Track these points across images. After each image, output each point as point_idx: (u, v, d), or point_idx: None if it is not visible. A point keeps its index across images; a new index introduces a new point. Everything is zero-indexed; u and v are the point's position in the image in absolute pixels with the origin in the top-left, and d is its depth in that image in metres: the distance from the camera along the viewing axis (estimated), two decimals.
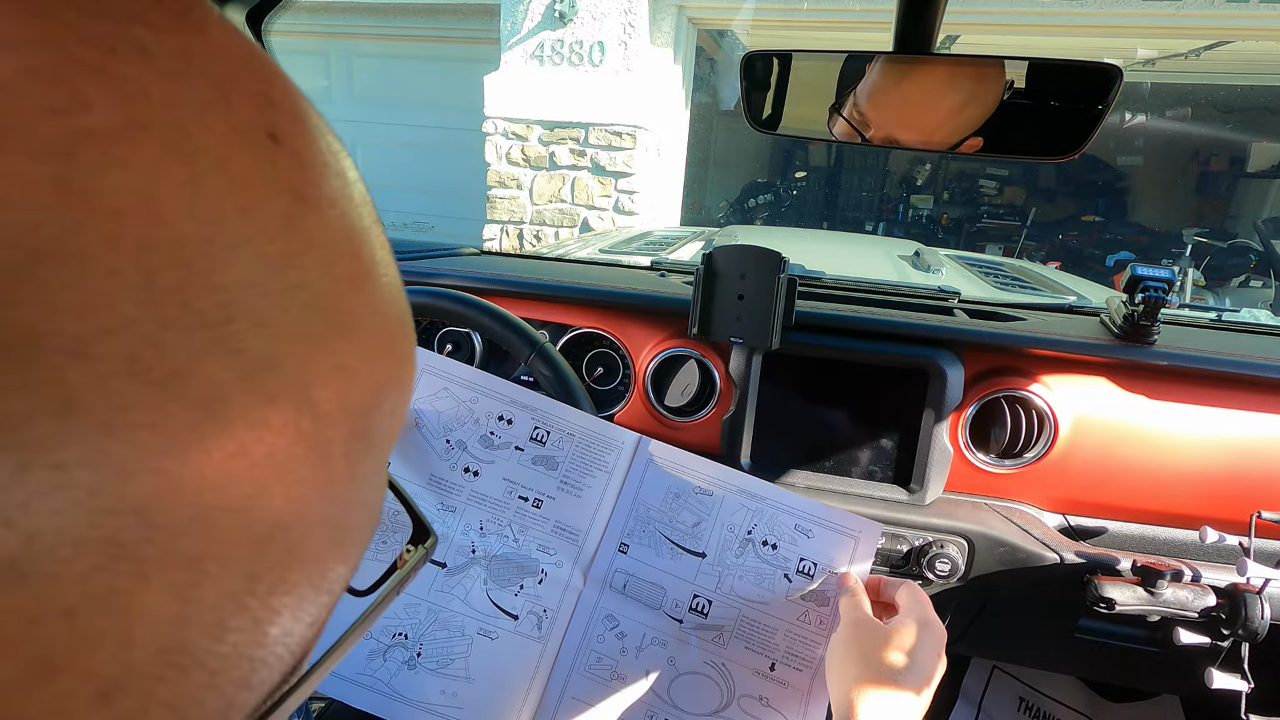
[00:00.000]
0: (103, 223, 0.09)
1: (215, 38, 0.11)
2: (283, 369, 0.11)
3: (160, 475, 0.10)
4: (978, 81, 0.63)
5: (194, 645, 0.11)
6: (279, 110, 0.12)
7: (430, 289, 0.74)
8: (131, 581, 0.10)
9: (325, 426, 0.13)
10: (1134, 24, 3.88)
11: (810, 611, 0.55)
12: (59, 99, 0.09)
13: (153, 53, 0.10)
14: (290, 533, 0.12)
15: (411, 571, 0.22)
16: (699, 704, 0.53)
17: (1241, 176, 6.30)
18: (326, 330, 0.12)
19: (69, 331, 0.09)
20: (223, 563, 0.11)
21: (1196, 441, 0.79)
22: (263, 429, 0.11)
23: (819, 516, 0.57)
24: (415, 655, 0.55)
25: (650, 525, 0.58)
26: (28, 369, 0.08)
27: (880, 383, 0.84)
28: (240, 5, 0.59)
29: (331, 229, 0.13)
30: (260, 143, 0.11)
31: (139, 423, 0.09)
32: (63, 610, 0.09)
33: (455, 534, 0.58)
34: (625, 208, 4.25)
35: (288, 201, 0.12)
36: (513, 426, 0.60)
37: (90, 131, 0.09)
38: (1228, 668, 0.72)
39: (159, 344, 0.09)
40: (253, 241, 0.11)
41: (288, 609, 0.13)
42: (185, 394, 0.10)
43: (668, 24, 4.20)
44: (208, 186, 0.10)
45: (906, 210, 7.34)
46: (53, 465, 0.09)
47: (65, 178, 0.09)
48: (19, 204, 0.08)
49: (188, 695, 0.11)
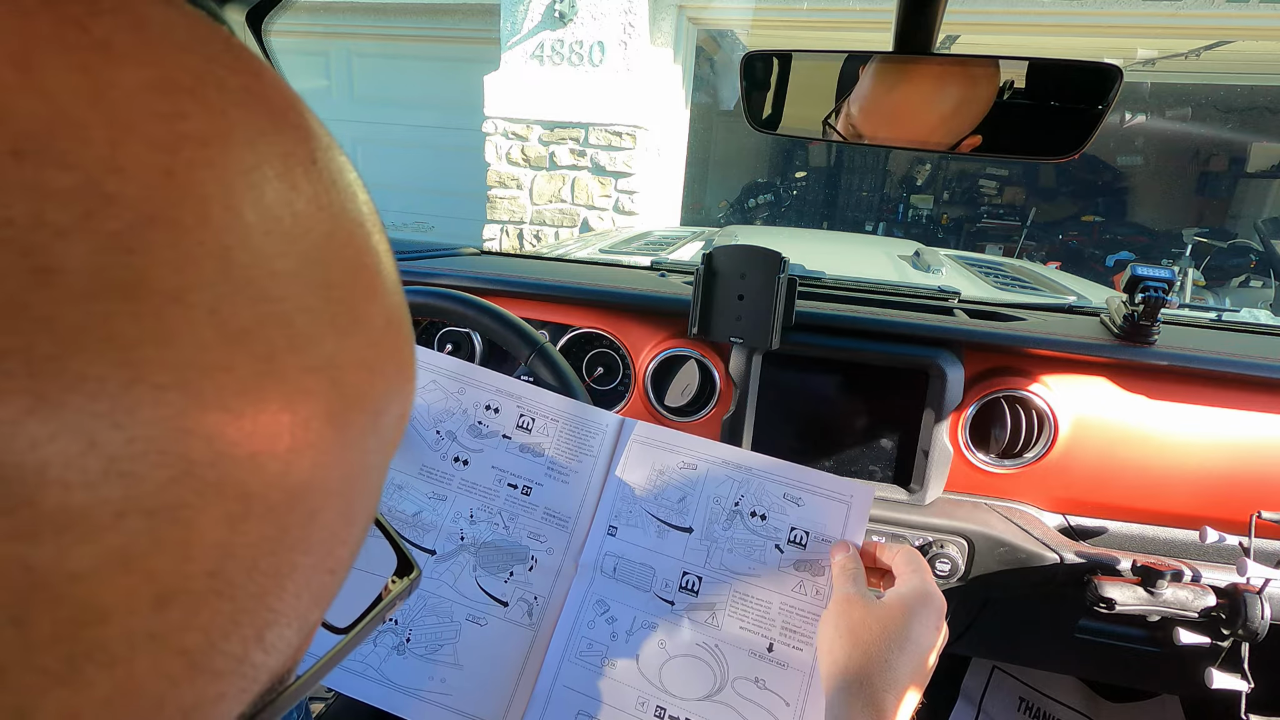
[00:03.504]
0: (196, 204, 0.11)
1: (268, 79, 0.14)
2: (322, 348, 0.13)
3: (228, 412, 0.12)
4: (969, 84, 0.63)
5: (232, 575, 0.12)
6: (316, 140, 0.14)
7: (430, 289, 0.74)
8: (196, 498, 0.11)
9: (350, 409, 0.14)
10: (1134, 24, 3.87)
11: (805, 582, 0.53)
12: (167, 108, 0.11)
13: (227, 84, 0.12)
14: (314, 496, 0.14)
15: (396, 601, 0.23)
16: (691, 688, 0.52)
17: (1241, 176, 6.30)
18: (353, 326, 0.14)
19: (170, 280, 0.11)
20: (264, 504, 0.13)
21: (1196, 441, 0.79)
22: (304, 394, 0.13)
23: (808, 483, 0.55)
24: (404, 641, 0.55)
25: (636, 505, 0.57)
26: (139, 302, 0.10)
27: (880, 383, 0.84)
28: (240, 5, 0.59)
29: (356, 245, 0.15)
30: (306, 164, 0.14)
31: (216, 364, 0.11)
32: (145, 510, 0.11)
33: (445, 522, 0.58)
34: (625, 208, 4.24)
35: (327, 216, 0.14)
36: (499, 415, 0.61)
37: (189, 135, 0.11)
38: (1228, 668, 0.72)
39: (233, 304, 0.12)
40: (299, 242, 0.13)
41: (304, 571, 0.14)
42: (250, 349, 0.12)
43: (668, 24, 4.19)
44: (268, 192, 0.13)
45: (906, 210, 7.34)
46: (154, 385, 0.11)
47: (171, 167, 0.11)
48: (140, 180, 0.11)
49: (218, 626, 0.13)
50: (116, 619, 0.11)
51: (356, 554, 0.17)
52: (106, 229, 0.10)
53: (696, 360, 0.88)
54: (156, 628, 0.11)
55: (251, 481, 0.12)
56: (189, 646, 0.12)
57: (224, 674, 0.13)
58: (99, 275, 0.10)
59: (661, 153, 4.51)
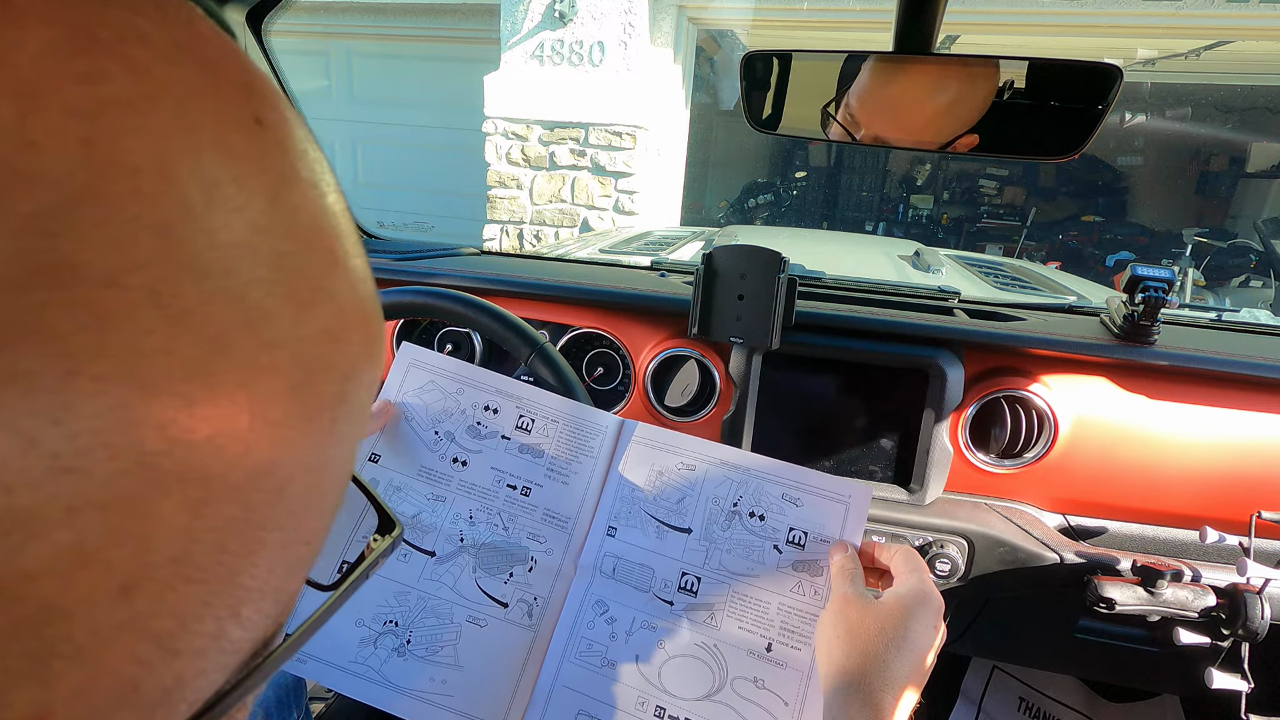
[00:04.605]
0: (126, 177, 0.10)
1: (201, 31, 0.13)
2: (278, 322, 0.13)
3: (179, 397, 0.11)
4: (966, 82, 0.63)
5: (199, 559, 0.12)
6: (261, 98, 0.13)
7: (430, 289, 0.74)
8: (153, 489, 0.11)
9: (316, 380, 0.14)
10: (1134, 24, 3.88)
11: (803, 582, 0.53)
12: (84, 69, 0.10)
13: (152, 39, 0.11)
14: (281, 472, 0.14)
15: (380, 558, 0.23)
16: (690, 688, 0.52)
17: (1241, 176, 6.30)
18: (313, 296, 0.14)
19: (102, 263, 0.10)
20: (227, 486, 0.12)
21: (1196, 441, 0.79)
22: (261, 372, 0.12)
23: (806, 483, 0.55)
24: (405, 643, 0.55)
25: (636, 506, 0.57)
26: (70, 290, 0.10)
27: (880, 383, 0.84)
28: (240, 5, 0.59)
29: (311, 209, 0.14)
30: (247, 124, 0.13)
31: (160, 348, 0.11)
32: (97, 505, 0.10)
33: (445, 523, 0.58)
34: (625, 208, 4.24)
35: (273, 178, 0.13)
36: (498, 416, 0.61)
37: (109, 99, 0.10)
38: (1228, 668, 0.72)
39: (175, 284, 0.11)
40: (245, 209, 0.12)
41: (275, 546, 0.14)
42: (198, 329, 0.11)
43: (668, 24, 4.19)
44: (206, 156, 0.12)
45: (906, 210, 7.34)
46: (93, 376, 0.10)
47: (92, 136, 0.10)
48: (56, 154, 0.10)
49: (189, 609, 0.12)
50: (79, 613, 0.10)
51: (332, 522, 0.17)
52: (22, 210, 0.09)
53: (696, 360, 0.88)
54: (123, 618, 0.11)
55: (211, 465, 0.12)
56: (159, 631, 0.12)
57: (201, 652, 0.13)
58: (20, 262, 0.09)
59: (661, 153, 4.51)
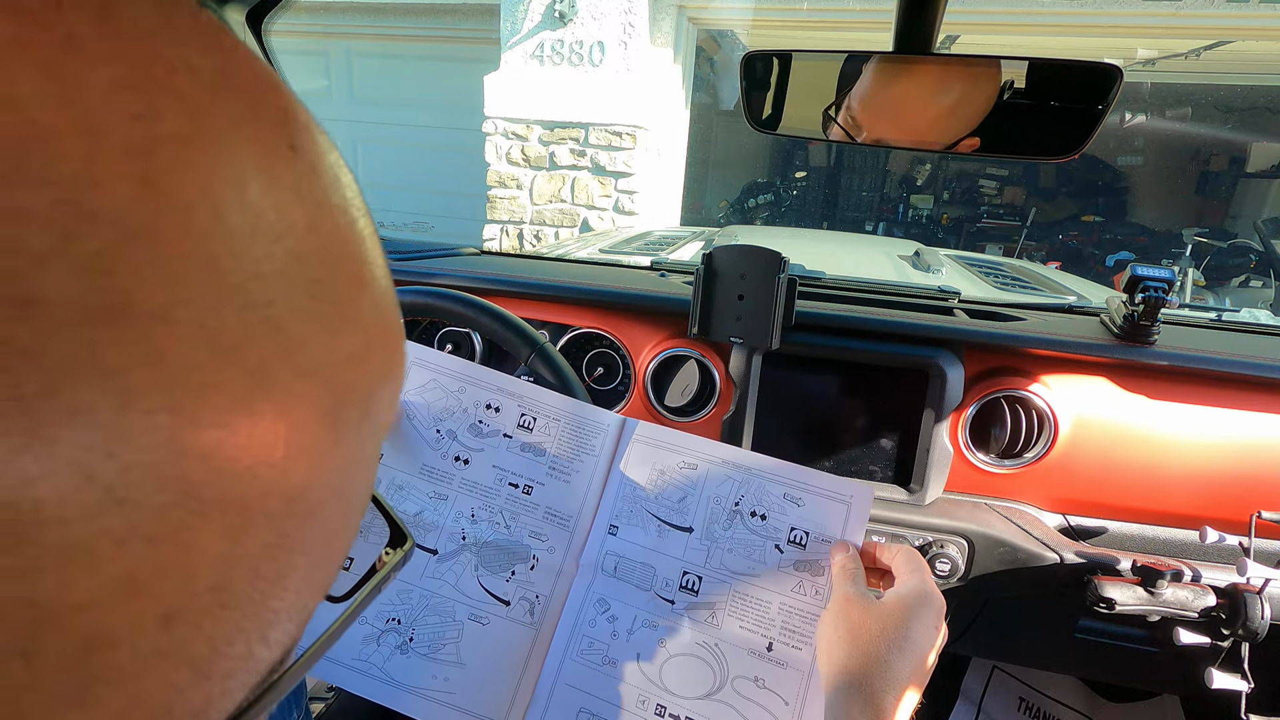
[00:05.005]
0: (179, 213, 0.11)
1: (242, 59, 0.13)
2: (311, 350, 0.13)
3: (222, 429, 0.11)
4: (969, 82, 0.63)
5: (235, 586, 0.13)
6: (296, 124, 0.14)
7: (430, 289, 0.74)
8: (196, 519, 0.11)
9: (342, 406, 0.14)
10: (1134, 24, 3.87)
11: (805, 581, 0.53)
12: (140, 107, 0.10)
13: (200, 71, 0.12)
14: (312, 497, 0.14)
15: (391, 573, 0.23)
16: (691, 687, 0.52)
17: (1241, 176, 6.30)
18: (341, 322, 0.14)
19: (154, 299, 0.10)
20: (263, 514, 0.13)
21: (1196, 441, 0.79)
22: (298, 400, 0.13)
23: (808, 483, 0.55)
24: (407, 640, 0.55)
25: (637, 505, 0.57)
26: (125, 326, 0.10)
27: (880, 383, 0.84)
28: (240, 5, 0.59)
29: (343, 234, 0.14)
30: (284, 152, 0.13)
31: (206, 382, 0.11)
32: (146, 537, 0.11)
33: (447, 521, 0.58)
34: (625, 208, 4.24)
35: (310, 206, 0.13)
36: (500, 414, 0.61)
37: (164, 136, 0.11)
38: (1228, 668, 0.72)
39: (220, 317, 0.11)
40: (286, 239, 0.12)
41: (303, 570, 0.15)
42: (241, 361, 0.12)
43: (668, 24, 4.19)
44: (250, 188, 0.12)
45: (906, 210, 7.34)
46: (145, 410, 0.10)
47: (148, 174, 0.10)
48: (116, 192, 0.10)
49: (224, 634, 0.13)
50: (125, 642, 0.11)
51: (353, 541, 0.17)
52: (87, 250, 0.09)
53: (696, 360, 0.88)
54: (164, 645, 0.11)
55: (249, 493, 0.12)
56: (195, 657, 0.12)
57: (229, 674, 0.13)
58: (82, 301, 0.09)
59: (661, 153, 4.51)
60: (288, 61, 0.85)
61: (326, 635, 0.20)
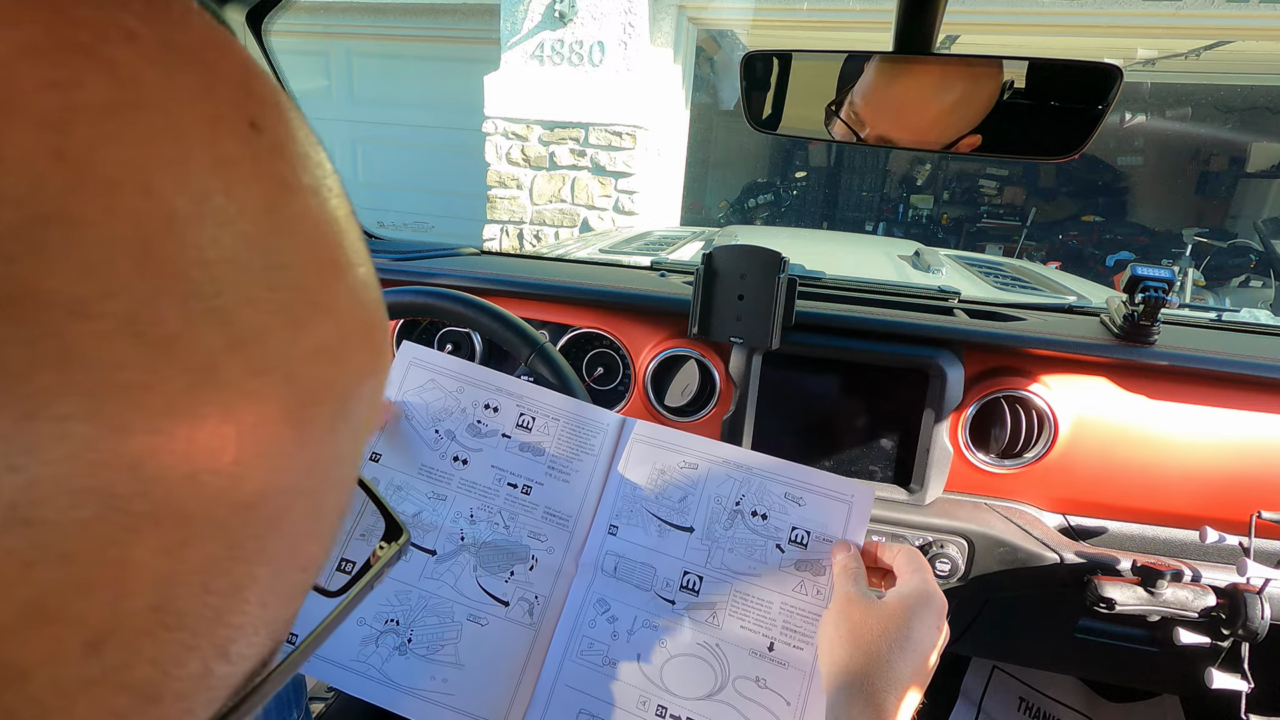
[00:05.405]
0: (100, 192, 0.09)
1: (197, 29, 0.12)
2: (269, 344, 0.12)
3: (156, 435, 0.10)
4: (971, 81, 0.63)
5: (180, 604, 0.12)
6: (258, 101, 0.12)
7: (430, 289, 0.74)
8: (125, 534, 0.10)
9: (309, 404, 0.13)
10: (1134, 24, 3.88)
11: (806, 581, 0.53)
12: (55, 75, 0.09)
13: (140, 38, 0.10)
14: (272, 503, 0.13)
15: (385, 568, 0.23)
16: (692, 687, 0.52)
17: (1241, 176, 6.30)
18: (310, 312, 0.13)
19: (69, 291, 0.09)
20: (210, 524, 0.12)
21: (1196, 441, 0.79)
22: (251, 399, 0.12)
23: (809, 483, 0.55)
24: (406, 641, 0.55)
25: (637, 505, 0.57)
26: (28, 323, 0.09)
27: (880, 383, 0.84)
28: (240, 5, 0.59)
29: (312, 217, 0.13)
30: (242, 130, 0.12)
31: (136, 382, 0.10)
32: (59, 556, 0.09)
33: (445, 522, 0.58)
34: (625, 208, 4.24)
35: (269, 186, 0.12)
36: (499, 414, 0.60)
37: (84, 106, 0.09)
38: (1228, 668, 0.72)
39: (155, 309, 0.10)
40: (237, 222, 0.11)
41: (265, 580, 0.13)
42: (180, 359, 0.10)
43: (668, 24, 4.19)
44: (194, 166, 0.11)
45: (906, 210, 7.34)
46: (54, 417, 0.09)
47: (62, 148, 0.09)
48: (20, 169, 0.09)
49: (171, 654, 0.12)
50: (40, 673, 0.10)
51: (331, 546, 0.16)
52: None
53: (696, 360, 0.88)
54: (92, 673, 0.10)
55: (191, 504, 0.11)
56: (137, 681, 0.11)
57: (184, 695, 0.12)
58: None
59: (661, 153, 4.51)
60: (288, 61, 0.85)
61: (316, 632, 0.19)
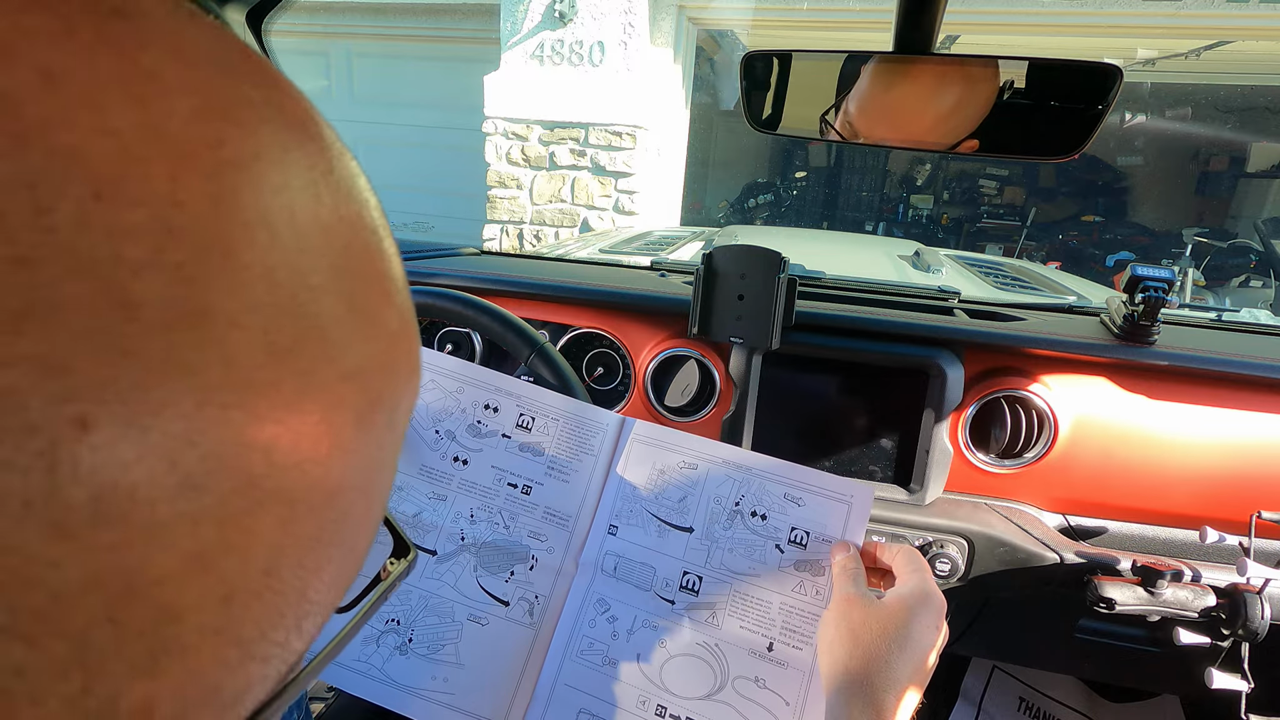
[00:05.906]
0: (243, 229, 0.12)
1: (285, 88, 0.14)
2: (350, 356, 0.14)
3: (279, 425, 0.13)
4: (970, 82, 0.63)
5: (283, 572, 0.14)
6: (331, 148, 0.15)
7: (430, 289, 0.74)
8: (256, 506, 0.12)
9: (373, 410, 0.15)
10: (1134, 24, 3.88)
11: (805, 581, 0.53)
12: (211, 135, 0.12)
13: (254, 102, 0.13)
14: (346, 494, 0.15)
15: (395, 582, 0.24)
16: (691, 687, 0.52)
17: (1241, 176, 6.30)
18: (373, 331, 0.15)
19: (227, 306, 0.11)
20: (308, 506, 0.14)
21: (1196, 441, 0.79)
22: (339, 402, 0.14)
23: (808, 483, 0.55)
24: (407, 641, 0.55)
25: (637, 505, 0.57)
26: (204, 330, 0.11)
27: (880, 383, 0.84)
28: (240, 5, 0.59)
29: (371, 251, 0.16)
30: (325, 175, 0.14)
31: (267, 381, 0.12)
32: (215, 520, 0.12)
33: (445, 522, 0.58)
34: (625, 208, 4.24)
35: (346, 227, 0.15)
36: (499, 414, 0.60)
37: (228, 161, 0.12)
38: (1228, 668, 0.72)
39: (278, 324, 0.12)
40: (328, 255, 0.14)
41: (337, 563, 0.16)
42: (293, 364, 0.13)
43: (668, 24, 4.19)
44: (299, 209, 0.13)
45: (906, 210, 7.34)
46: (220, 404, 0.11)
47: (218, 193, 0.12)
48: (194, 210, 0.11)
49: (269, 617, 0.14)
50: (190, 616, 0.12)
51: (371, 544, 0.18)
52: (173, 261, 0.11)
53: (696, 360, 0.88)
54: (221, 622, 0.12)
55: (298, 487, 0.13)
56: (244, 637, 0.13)
57: (269, 659, 0.14)
58: (171, 306, 0.11)
59: (661, 153, 4.51)
60: (288, 61, 0.84)
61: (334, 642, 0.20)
